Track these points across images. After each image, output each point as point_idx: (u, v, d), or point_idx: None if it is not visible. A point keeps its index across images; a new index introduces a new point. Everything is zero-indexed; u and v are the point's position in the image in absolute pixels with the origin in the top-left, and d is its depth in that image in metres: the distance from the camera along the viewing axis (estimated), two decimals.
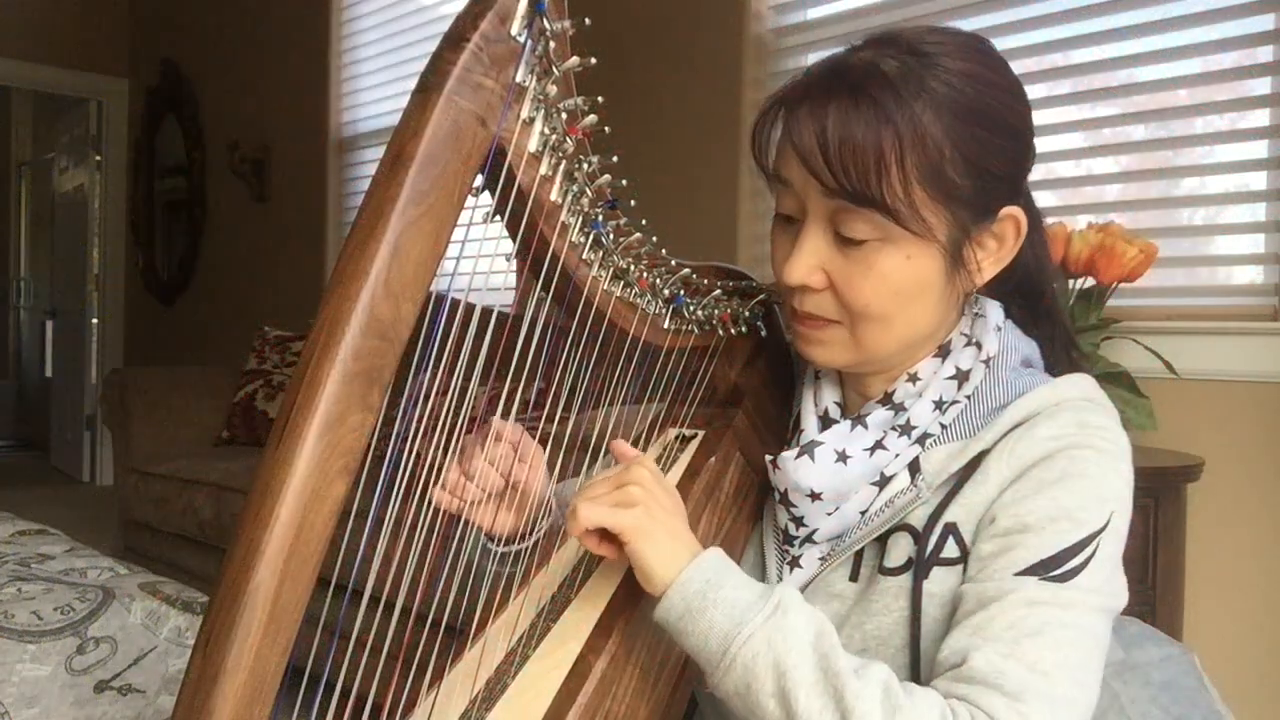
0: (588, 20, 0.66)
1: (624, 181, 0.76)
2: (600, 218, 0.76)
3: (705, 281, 0.89)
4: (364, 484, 0.60)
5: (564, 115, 0.69)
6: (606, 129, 0.71)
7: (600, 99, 0.70)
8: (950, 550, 0.76)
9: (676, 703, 0.80)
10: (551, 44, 0.65)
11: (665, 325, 0.87)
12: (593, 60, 0.68)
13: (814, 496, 0.81)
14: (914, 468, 0.80)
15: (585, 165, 0.73)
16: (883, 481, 0.81)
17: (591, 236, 0.77)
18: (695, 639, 0.70)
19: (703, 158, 2.85)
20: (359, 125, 4.17)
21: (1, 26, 5.28)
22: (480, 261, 0.68)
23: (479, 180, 0.65)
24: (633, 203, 0.78)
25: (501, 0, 0.62)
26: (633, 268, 0.82)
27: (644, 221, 0.80)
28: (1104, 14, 2.13)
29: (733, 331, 0.93)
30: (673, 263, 0.86)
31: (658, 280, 0.85)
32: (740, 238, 2.78)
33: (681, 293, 0.87)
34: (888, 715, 0.65)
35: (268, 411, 3.63)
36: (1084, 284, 1.86)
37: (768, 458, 0.85)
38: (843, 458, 0.80)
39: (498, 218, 0.71)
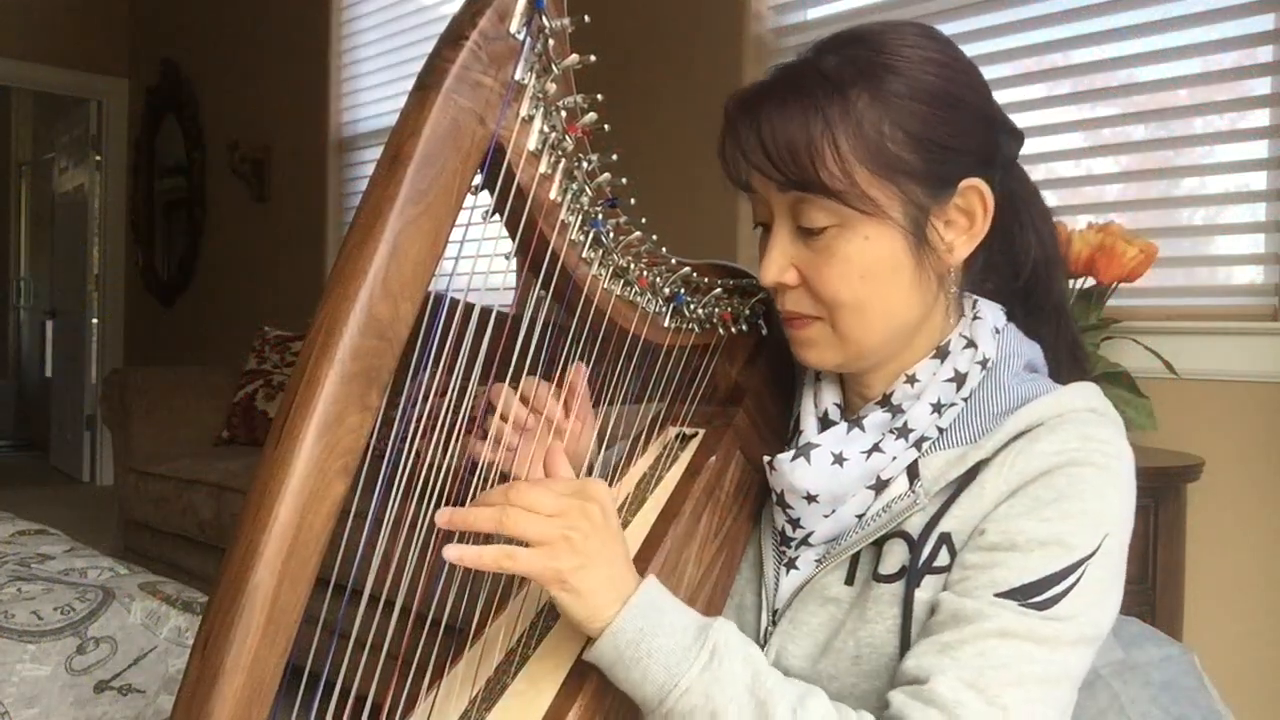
0: (587, 18, 0.66)
1: (624, 180, 0.76)
2: (600, 216, 0.76)
3: (705, 280, 0.89)
4: (363, 484, 0.60)
5: (563, 113, 0.69)
6: (606, 127, 0.71)
7: (600, 97, 0.70)
8: (943, 559, 0.76)
9: None
10: (551, 42, 0.65)
11: (665, 324, 0.87)
12: (592, 58, 0.67)
13: (810, 499, 0.81)
14: (912, 473, 0.79)
15: (585, 163, 0.72)
16: (880, 485, 0.80)
17: (591, 235, 0.77)
18: (629, 685, 0.70)
19: (703, 157, 2.85)
20: (359, 125, 4.17)
21: (1, 26, 5.28)
22: (479, 260, 0.68)
23: (478, 179, 0.64)
24: (632, 201, 0.78)
25: None
26: (633, 266, 0.81)
27: (644, 220, 0.80)
28: (1104, 14, 2.13)
29: (733, 330, 0.93)
30: (673, 261, 0.85)
31: (658, 278, 0.85)
32: (740, 237, 2.78)
33: (682, 291, 0.87)
34: None
35: (268, 411, 3.63)
36: (1084, 284, 1.85)
37: (765, 459, 0.84)
38: (839, 460, 0.80)
39: (497, 216, 0.71)
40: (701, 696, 0.68)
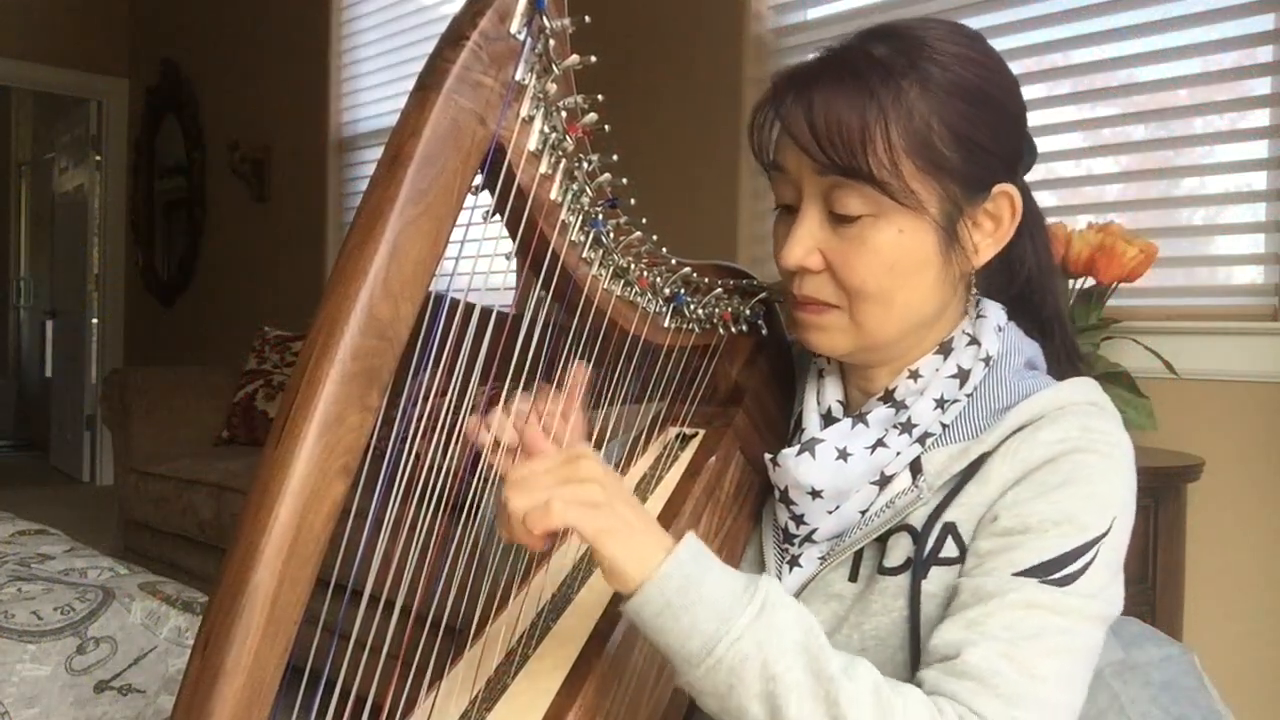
0: (588, 18, 0.66)
1: (624, 180, 0.76)
2: (600, 216, 0.76)
3: (706, 280, 0.89)
4: (364, 484, 0.60)
5: (564, 113, 0.69)
6: (606, 127, 0.71)
7: (600, 97, 0.70)
8: (949, 550, 0.76)
9: (677, 701, 0.80)
10: (551, 42, 0.65)
11: (665, 324, 0.87)
12: (593, 58, 0.67)
13: (815, 494, 0.81)
14: (915, 468, 0.80)
15: (585, 164, 0.72)
16: (883, 481, 0.81)
17: (591, 235, 0.77)
18: (673, 637, 0.65)
19: (703, 158, 2.85)
20: (359, 125, 4.17)
21: (1, 26, 5.28)
22: (480, 261, 0.68)
23: (478, 179, 0.64)
24: (633, 201, 0.78)
25: None
26: (633, 266, 0.82)
27: (644, 220, 0.80)
28: (1104, 14, 2.13)
29: (733, 330, 0.93)
30: (673, 261, 0.85)
31: (658, 279, 0.85)
32: (740, 237, 2.78)
33: (682, 291, 0.87)
34: (879, 718, 0.65)
35: (268, 411, 3.63)
36: (1084, 284, 1.85)
37: (767, 456, 0.84)
38: (844, 455, 0.80)
39: (497, 216, 0.71)
40: (754, 645, 0.64)
